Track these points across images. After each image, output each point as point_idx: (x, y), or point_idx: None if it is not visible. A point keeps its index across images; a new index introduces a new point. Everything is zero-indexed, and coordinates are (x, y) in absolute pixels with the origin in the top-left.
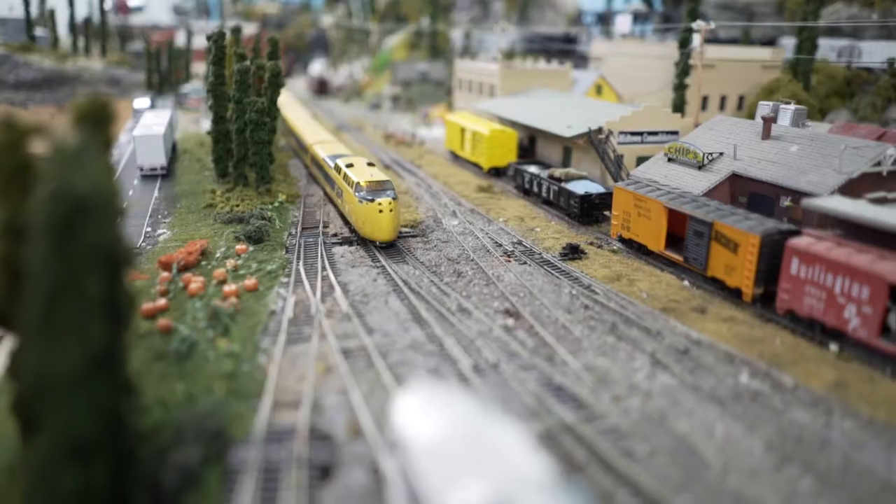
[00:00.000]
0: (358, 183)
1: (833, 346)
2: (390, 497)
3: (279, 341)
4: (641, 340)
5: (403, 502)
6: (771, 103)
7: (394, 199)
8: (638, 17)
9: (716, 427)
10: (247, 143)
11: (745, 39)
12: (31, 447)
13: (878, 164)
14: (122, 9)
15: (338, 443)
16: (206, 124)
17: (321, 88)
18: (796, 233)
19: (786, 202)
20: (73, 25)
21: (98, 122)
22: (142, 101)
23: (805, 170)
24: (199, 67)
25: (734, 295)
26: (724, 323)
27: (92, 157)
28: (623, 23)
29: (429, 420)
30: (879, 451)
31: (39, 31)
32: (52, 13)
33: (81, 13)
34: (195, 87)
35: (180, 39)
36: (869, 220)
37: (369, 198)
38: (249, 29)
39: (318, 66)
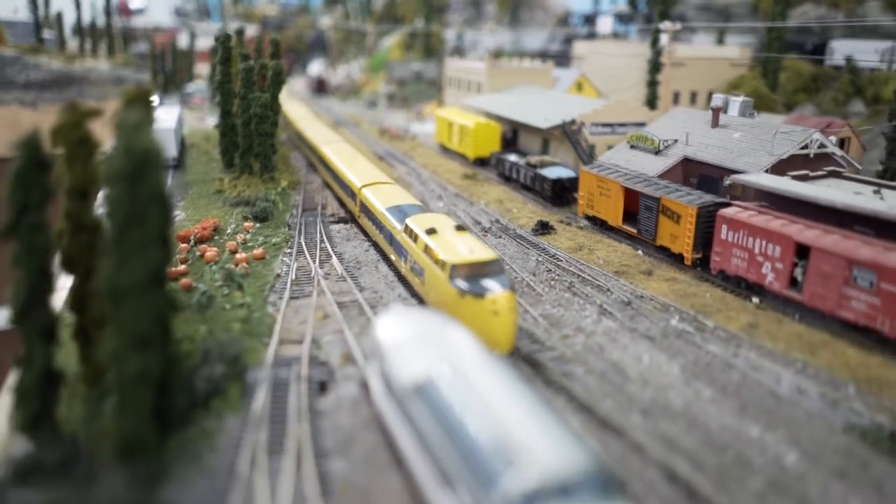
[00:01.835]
0: (453, 265)
1: (755, 299)
2: (370, 388)
3: (284, 296)
4: (593, 295)
5: (378, 383)
6: (723, 96)
7: (511, 290)
8: (623, 18)
9: (643, 356)
10: (252, 135)
11: (720, 39)
12: (105, 341)
13: (805, 147)
14: (125, 11)
15: (333, 367)
16: (210, 121)
17: (320, 87)
18: (727, 204)
19: (728, 181)
20: (79, 28)
21: (144, 103)
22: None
23: (744, 153)
24: (202, 68)
25: (678, 260)
26: (667, 282)
27: (147, 126)
28: (605, 24)
29: (399, 328)
30: (772, 372)
31: (47, 34)
32: (59, 16)
33: (86, 16)
34: (199, 86)
35: (183, 41)
36: (782, 190)
37: (474, 290)
38: (250, 30)
39: (316, 67)
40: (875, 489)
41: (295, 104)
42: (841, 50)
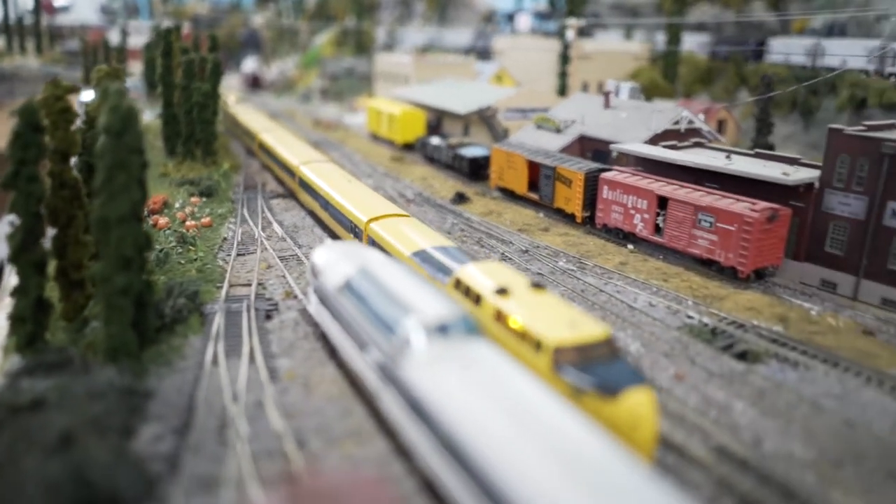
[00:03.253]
0: (557, 348)
1: (630, 246)
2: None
3: (232, 254)
4: (497, 246)
5: (315, 297)
6: (615, 82)
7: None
8: (542, 16)
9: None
10: (194, 123)
11: (628, 34)
12: (98, 264)
13: (677, 122)
14: (48, 8)
15: (277, 301)
16: (147, 115)
17: (255, 84)
18: (608, 170)
19: (614, 154)
20: (6, 26)
21: (117, 78)
22: (87, 94)
23: (628, 129)
24: (135, 66)
25: (571, 219)
26: (560, 236)
27: (125, 93)
28: (523, 21)
29: (329, 253)
30: (632, 293)
31: None
32: None
33: (11, 13)
34: (134, 82)
35: (114, 38)
36: (650, 155)
37: (597, 386)
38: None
39: (250, 63)
40: (690, 361)
41: (251, 114)
42: (777, 48)
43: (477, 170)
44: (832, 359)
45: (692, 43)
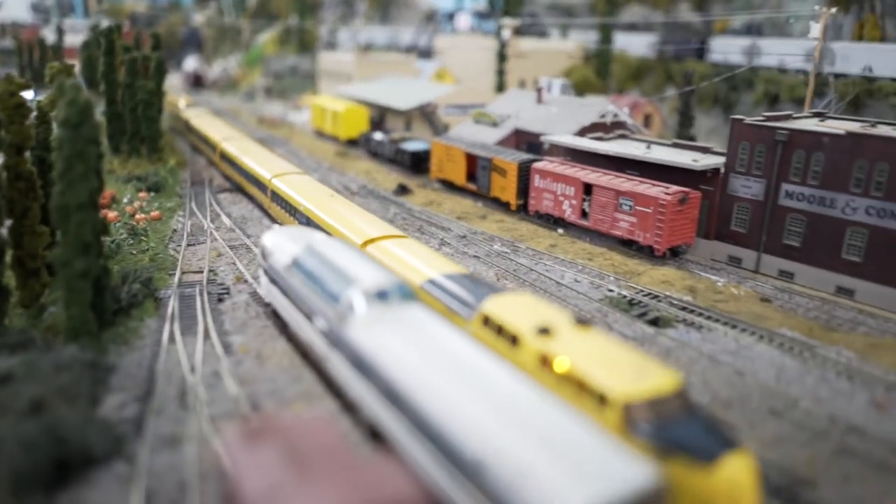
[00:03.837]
0: (628, 404)
1: (560, 230)
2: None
3: (182, 244)
4: (437, 233)
5: (265, 278)
6: (547, 78)
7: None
8: (482, 15)
9: (470, 267)
10: (139, 121)
11: (563, 33)
12: (58, 249)
13: (603, 116)
14: None
15: (228, 285)
16: None
17: (197, 82)
18: (540, 160)
19: (546, 145)
20: None
21: (69, 74)
22: (28, 93)
23: (558, 122)
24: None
25: (506, 207)
26: (496, 223)
27: (81, 87)
28: (463, 21)
29: (278, 237)
30: (560, 271)
31: None
32: None
33: None
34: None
35: (49, 36)
36: (577, 146)
37: (682, 446)
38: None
39: (192, 62)
40: (608, 327)
41: (206, 118)
42: (716, 48)
43: (418, 163)
44: (731, 322)
45: (640, 43)
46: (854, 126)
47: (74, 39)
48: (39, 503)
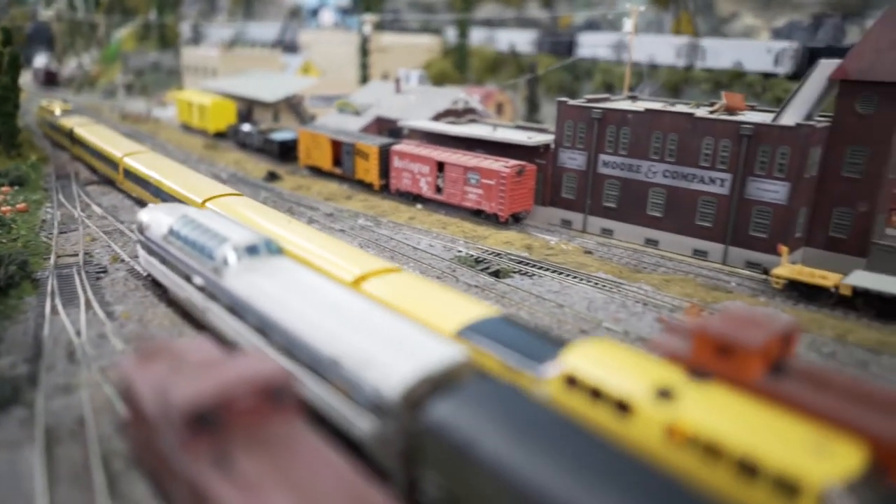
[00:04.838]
0: (820, 495)
1: (418, 205)
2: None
3: (54, 232)
4: (306, 212)
5: (144, 251)
6: (405, 70)
7: None
8: (345, 11)
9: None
10: None
11: (424, 28)
12: None
13: (456, 103)
14: None
15: (105, 265)
16: None
17: (49, 79)
18: (398, 143)
19: (406, 130)
20: None
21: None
22: None
23: (416, 109)
24: None
25: (370, 188)
26: (361, 202)
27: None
28: (326, 16)
29: (154, 213)
30: (417, 238)
31: None
32: None
33: None
34: None
35: None
36: (430, 129)
37: None
38: None
39: (42, 59)
40: (455, 279)
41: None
42: (585, 43)
43: (287, 152)
44: (558, 270)
45: (524, 40)
46: (656, 105)
47: None
48: None
